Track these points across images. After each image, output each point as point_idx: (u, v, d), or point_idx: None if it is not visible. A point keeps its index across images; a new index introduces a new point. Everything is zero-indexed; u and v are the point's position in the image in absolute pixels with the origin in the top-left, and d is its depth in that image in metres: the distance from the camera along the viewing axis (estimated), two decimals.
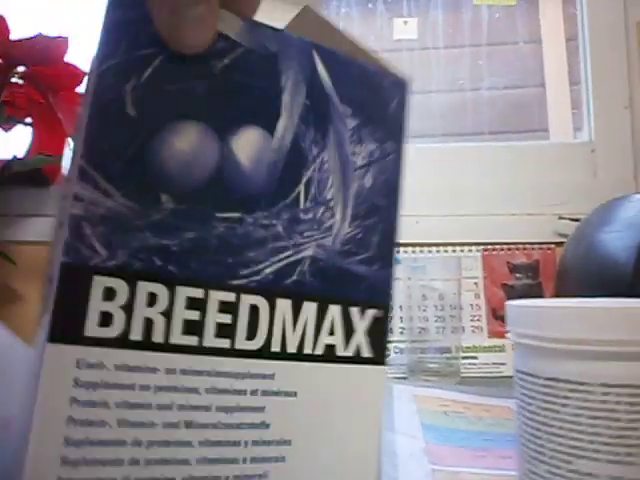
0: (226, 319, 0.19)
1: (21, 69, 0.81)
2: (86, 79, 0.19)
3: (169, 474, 0.18)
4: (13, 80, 0.82)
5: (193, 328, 0.19)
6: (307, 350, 0.21)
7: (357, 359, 0.22)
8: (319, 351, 0.21)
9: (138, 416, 0.18)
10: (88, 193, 0.18)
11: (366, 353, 0.22)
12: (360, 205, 0.22)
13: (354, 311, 0.22)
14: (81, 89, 0.83)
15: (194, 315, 0.19)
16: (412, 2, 1.03)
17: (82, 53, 0.74)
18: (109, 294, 0.18)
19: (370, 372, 0.22)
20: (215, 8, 0.19)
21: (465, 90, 1.02)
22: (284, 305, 0.21)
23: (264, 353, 0.20)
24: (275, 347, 0.20)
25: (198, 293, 0.19)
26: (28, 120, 0.86)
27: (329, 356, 0.21)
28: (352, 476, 0.22)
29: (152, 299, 0.18)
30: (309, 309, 0.21)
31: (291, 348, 0.21)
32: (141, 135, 0.18)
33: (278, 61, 0.21)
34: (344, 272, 0.22)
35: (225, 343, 0.19)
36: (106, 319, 0.18)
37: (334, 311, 0.22)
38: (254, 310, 0.20)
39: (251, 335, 0.20)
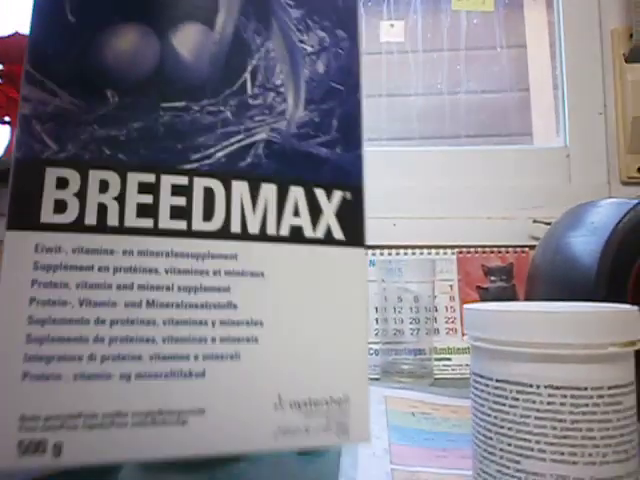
0: (180, 202, 0.20)
1: None
2: None
3: (135, 352, 0.19)
4: None
5: (147, 211, 0.20)
6: (271, 231, 0.21)
7: (328, 241, 0.23)
8: (284, 232, 0.22)
9: (99, 296, 0.19)
10: (35, 94, 0.19)
11: (338, 235, 0.23)
12: (314, 90, 0.23)
13: (319, 192, 0.22)
14: None
15: (147, 199, 0.20)
16: (392, 6, 1.04)
17: None
18: (62, 183, 0.19)
19: (345, 254, 0.23)
20: None
21: (443, 94, 1.04)
22: (240, 187, 0.21)
23: (223, 234, 0.21)
24: (235, 228, 0.21)
25: (149, 178, 0.20)
26: (6, 119, 0.86)
27: (297, 237, 0.22)
28: (335, 360, 0.22)
29: (104, 186, 0.19)
30: (268, 190, 0.22)
31: (253, 229, 0.21)
32: (82, 38, 0.20)
33: None
34: (303, 154, 0.22)
35: (181, 225, 0.20)
36: (60, 206, 0.19)
37: (296, 192, 0.22)
38: (209, 192, 0.21)
39: (208, 217, 0.21)
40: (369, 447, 0.38)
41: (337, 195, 0.22)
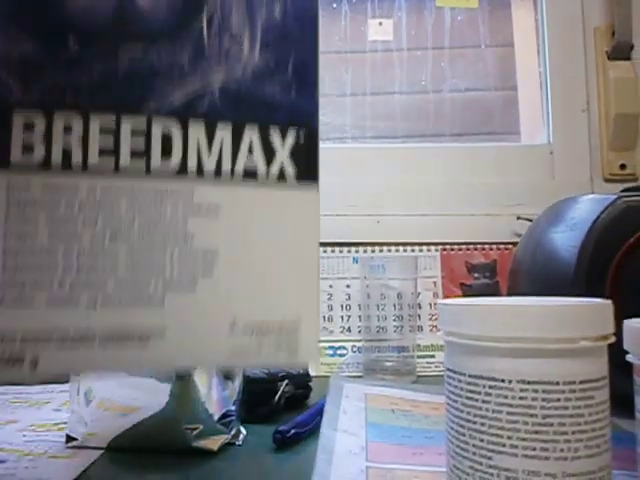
0: (139, 142, 0.22)
1: None
2: None
3: (100, 279, 0.21)
4: None
5: (109, 152, 0.21)
6: (225, 169, 0.23)
7: (282, 179, 0.24)
8: (239, 169, 0.23)
9: (66, 229, 0.21)
10: (1, 40, 0.20)
11: (292, 175, 0.24)
12: (270, 34, 0.23)
13: (274, 133, 0.23)
14: None
15: (108, 140, 0.21)
16: (376, 3, 1.04)
17: None
18: (29, 126, 0.20)
19: (298, 192, 0.24)
20: None
21: (428, 92, 1.03)
22: (197, 128, 0.22)
23: (181, 172, 0.22)
24: (192, 166, 0.22)
25: (110, 120, 0.21)
26: None
27: (251, 175, 0.23)
28: (286, 287, 0.23)
29: (68, 128, 0.21)
30: (224, 131, 0.23)
31: (209, 167, 0.22)
32: None
33: None
34: (258, 97, 0.23)
35: (140, 164, 0.22)
36: (28, 147, 0.20)
37: (251, 132, 0.23)
38: (167, 133, 0.22)
39: (166, 156, 0.22)
40: (346, 444, 0.38)
41: (291, 134, 0.23)
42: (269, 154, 0.23)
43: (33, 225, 0.20)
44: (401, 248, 0.82)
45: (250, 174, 0.23)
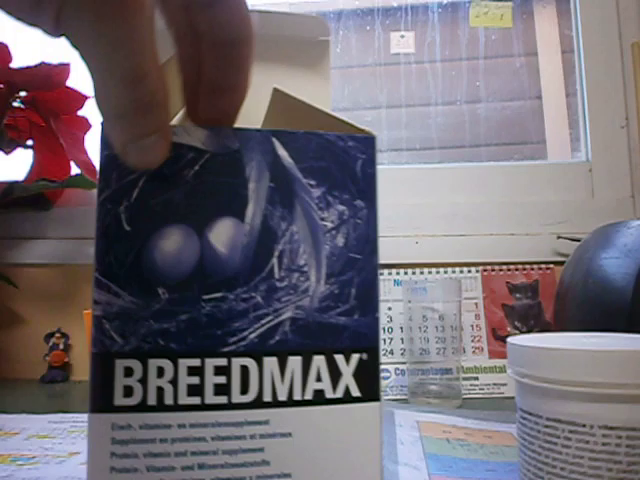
0: (221, 380, 0.24)
1: (23, 94, 0.81)
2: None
3: None
4: (15, 104, 0.82)
5: (195, 390, 0.24)
6: (297, 397, 0.24)
7: (347, 399, 0.25)
8: (308, 396, 0.25)
9: (161, 462, 0.23)
10: (104, 297, 0.23)
11: (355, 393, 0.25)
12: (334, 264, 0.25)
13: (339, 358, 0.25)
14: (82, 113, 0.84)
15: (195, 380, 0.24)
16: (410, 20, 1.04)
17: (84, 77, 0.74)
18: (128, 372, 0.23)
19: (362, 409, 0.25)
20: (165, 131, 0.23)
21: (462, 104, 1.04)
22: (271, 362, 0.24)
23: (257, 404, 0.24)
24: (267, 398, 0.24)
25: (196, 362, 0.24)
26: (29, 143, 0.87)
27: (319, 399, 0.25)
28: None
29: (160, 371, 0.23)
30: (294, 362, 0.25)
31: (281, 397, 0.24)
32: (136, 244, 0.24)
33: (241, 156, 0.25)
34: (325, 326, 0.25)
35: (223, 399, 0.24)
36: (128, 391, 0.23)
37: (319, 361, 0.25)
38: (244, 370, 0.24)
39: (244, 390, 0.24)
40: (410, 479, 0.38)
41: (355, 358, 0.25)
42: (335, 378, 0.25)
43: (133, 460, 0.23)
44: (441, 269, 0.82)
45: (318, 398, 0.25)
